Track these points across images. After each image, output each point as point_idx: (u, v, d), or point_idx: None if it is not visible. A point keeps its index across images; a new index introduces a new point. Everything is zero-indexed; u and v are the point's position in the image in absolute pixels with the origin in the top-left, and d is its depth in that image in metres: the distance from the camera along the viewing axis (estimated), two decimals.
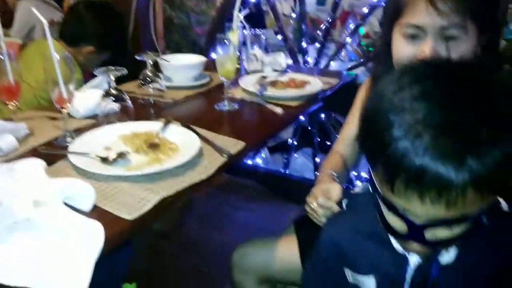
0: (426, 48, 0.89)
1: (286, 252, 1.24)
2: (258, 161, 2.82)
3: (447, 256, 0.71)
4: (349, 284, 0.83)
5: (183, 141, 1.15)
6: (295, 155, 2.71)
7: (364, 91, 1.21)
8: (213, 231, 2.24)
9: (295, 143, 2.61)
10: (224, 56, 1.37)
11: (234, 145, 1.17)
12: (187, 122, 1.31)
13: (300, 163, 2.78)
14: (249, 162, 2.78)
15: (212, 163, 1.08)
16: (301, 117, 2.47)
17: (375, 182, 0.64)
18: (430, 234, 0.61)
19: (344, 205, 0.94)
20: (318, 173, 1.98)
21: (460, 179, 0.52)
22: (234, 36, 1.33)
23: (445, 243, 0.64)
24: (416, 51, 0.91)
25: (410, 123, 0.55)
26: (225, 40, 1.36)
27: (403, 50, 0.94)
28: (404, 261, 0.73)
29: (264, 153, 2.87)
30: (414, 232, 0.61)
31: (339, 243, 0.81)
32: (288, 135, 2.65)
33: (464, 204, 0.55)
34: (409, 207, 0.59)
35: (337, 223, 0.87)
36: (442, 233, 0.61)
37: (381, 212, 0.66)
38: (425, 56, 0.88)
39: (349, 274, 0.83)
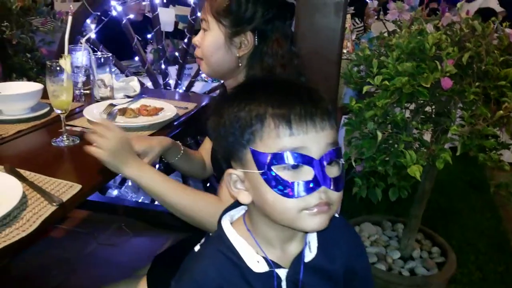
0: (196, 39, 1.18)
1: None
2: (126, 190, 2.64)
3: (310, 255, 0.78)
4: None
5: (2, 191, 0.96)
6: None
7: None
8: (74, 275, 2.01)
9: (164, 167, 2.49)
10: (56, 86, 1.20)
11: (68, 189, 1.02)
12: (15, 164, 1.12)
13: None
14: (115, 192, 2.59)
15: (37, 214, 0.91)
16: None
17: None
18: (327, 172, 0.70)
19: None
20: None
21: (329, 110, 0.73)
22: (66, 63, 1.18)
23: (337, 182, 0.72)
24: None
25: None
26: (57, 68, 1.20)
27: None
28: (275, 279, 0.76)
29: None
30: (318, 171, 0.69)
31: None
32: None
33: (335, 130, 0.73)
34: (305, 141, 0.69)
35: (208, 268, 0.77)
36: (333, 169, 0.71)
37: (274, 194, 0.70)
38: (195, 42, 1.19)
39: None
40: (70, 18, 1.26)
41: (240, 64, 1.14)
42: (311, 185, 0.69)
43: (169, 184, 1.05)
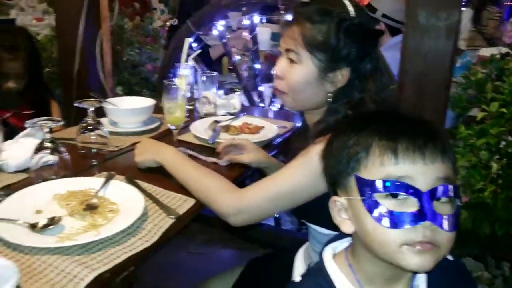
0: (277, 65, 1.10)
1: None
2: None
3: None
4: None
5: (125, 201, 1.04)
6: None
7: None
8: (166, 281, 2.11)
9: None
10: (172, 103, 1.28)
11: (183, 203, 1.07)
12: (132, 175, 1.20)
13: None
14: None
15: (158, 226, 0.97)
16: None
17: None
18: (435, 207, 0.67)
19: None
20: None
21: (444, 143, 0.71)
22: (182, 82, 1.25)
23: (447, 221, 0.68)
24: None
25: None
26: (173, 86, 1.27)
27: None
28: None
29: None
30: (424, 204, 0.66)
31: None
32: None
33: (449, 165, 0.70)
34: (411, 171, 0.67)
35: None
36: (443, 207, 0.68)
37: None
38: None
39: None
40: (187, 40, 1.35)
41: (329, 100, 1.08)
42: (413, 217, 0.66)
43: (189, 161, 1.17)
